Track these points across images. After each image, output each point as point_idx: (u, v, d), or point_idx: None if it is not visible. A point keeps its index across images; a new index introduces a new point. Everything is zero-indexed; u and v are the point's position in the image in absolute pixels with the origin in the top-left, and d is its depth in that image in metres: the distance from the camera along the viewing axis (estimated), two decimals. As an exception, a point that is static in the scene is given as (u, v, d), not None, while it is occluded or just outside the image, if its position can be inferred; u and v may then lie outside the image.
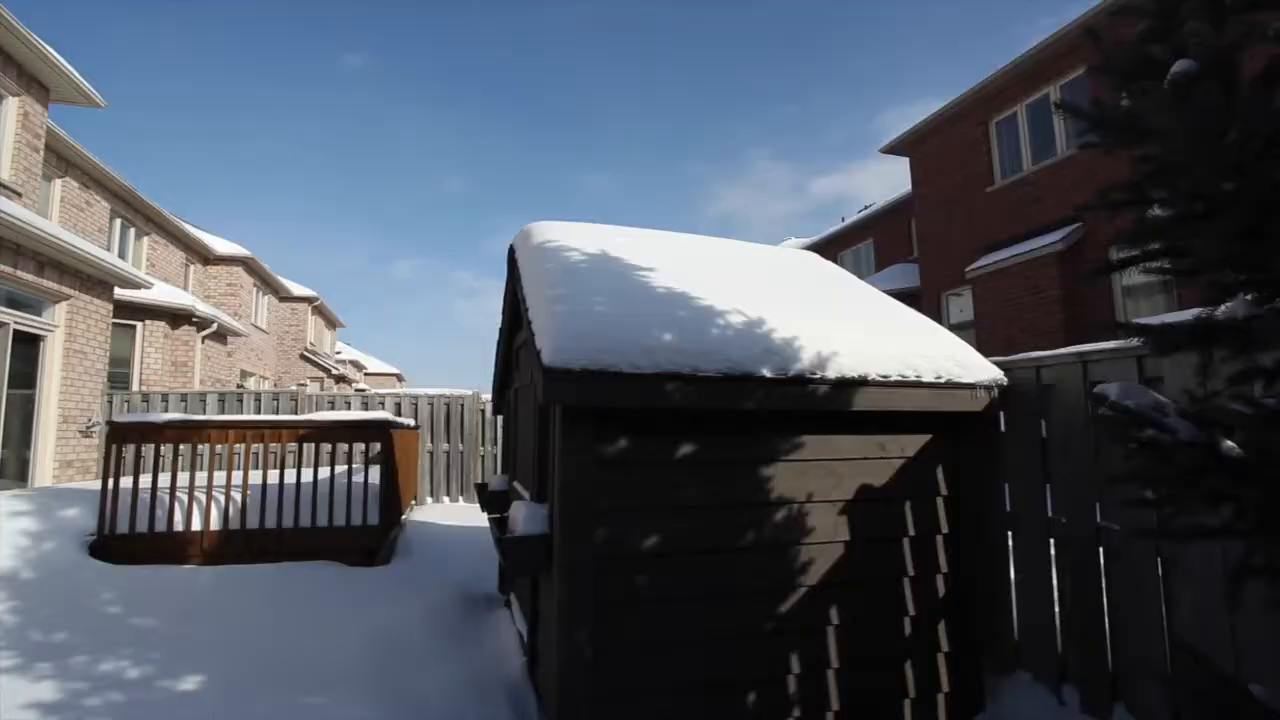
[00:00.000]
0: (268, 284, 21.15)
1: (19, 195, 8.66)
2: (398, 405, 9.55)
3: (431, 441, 9.63)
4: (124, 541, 5.00)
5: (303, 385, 10.74)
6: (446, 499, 9.71)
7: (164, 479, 5.09)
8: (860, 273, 18.00)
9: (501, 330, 4.60)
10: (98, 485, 6.59)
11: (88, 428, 8.59)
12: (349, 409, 9.48)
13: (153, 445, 5.07)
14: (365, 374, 35.05)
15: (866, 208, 19.71)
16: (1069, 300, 10.10)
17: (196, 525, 5.12)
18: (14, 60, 8.65)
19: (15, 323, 7.40)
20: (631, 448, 2.50)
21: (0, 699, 2.89)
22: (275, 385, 20.90)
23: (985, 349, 3.32)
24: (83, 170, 12.35)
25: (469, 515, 8.47)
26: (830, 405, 2.65)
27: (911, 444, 2.96)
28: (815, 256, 4.46)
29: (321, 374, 23.54)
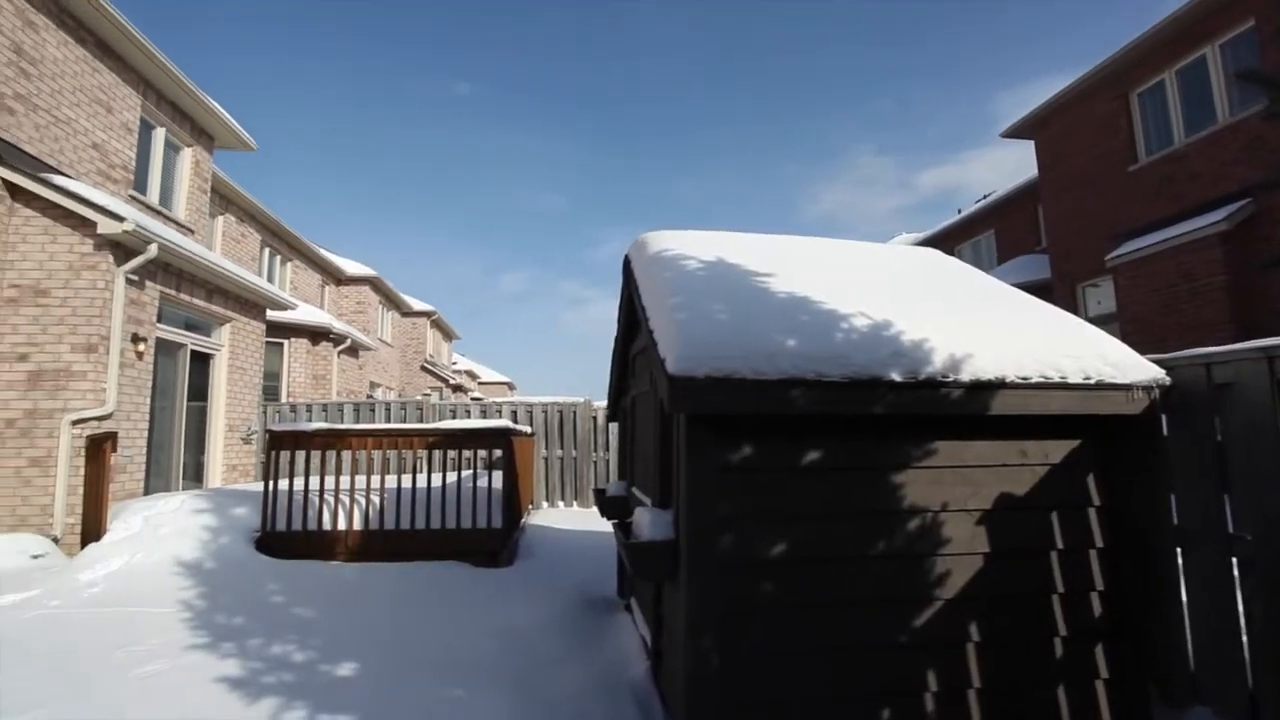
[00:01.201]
0: (391, 301, 22.79)
1: (192, 232, 9.86)
2: (514, 413, 9.98)
3: (546, 448, 9.98)
4: (282, 538, 5.55)
5: (426, 395, 11.45)
6: (561, 504, 10.03)
7: (313, 482, 5.61)
8: (981, 266, 16.90)
9: (616, 339, 4.70)
10: (257, 487, 7.35)
11: (248, 435, 9.60)
12: (469, 417, 10.02)
13: (304, 451, 5.60)
14: (479, 383, 36.90)
15: (985, 197, 18.49)
16: (1236, 288, 8.95)
17: (342, 525, 5.59)
18: (188, 116, 9.86)
19: (192, 344, 8.41)
20: (757, 454, 2.49)
21: (197, 672, 3.30)
22: (400, 395, 22.45)
23: (1133, 345, 3.01)
24: (239, 206, 13.86)
25: (583, 520, 8.70)
26: (965, 409, 2.51)
27: (1057, 449, 2.75)
28: (938, 253, 4.25)
29: (440, 383, 25.01)
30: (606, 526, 7.96)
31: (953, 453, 2.66)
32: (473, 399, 25.91)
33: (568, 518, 8.96)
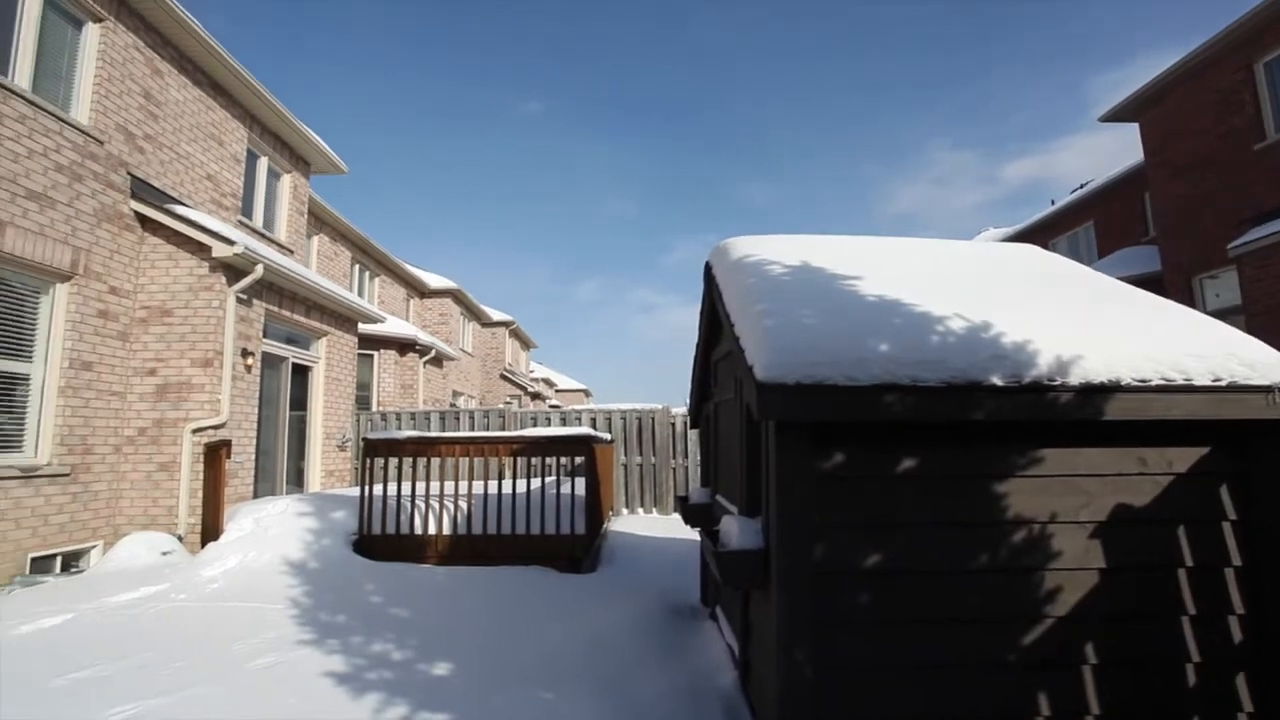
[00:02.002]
0: (471, 312, 23.60)
1: (291, 252, 10.55)
2: (593, 420, 10.12)
3: (625, 455, 10.06)
4: (377, 541, 5.83)
5: (508, 403, 11.76)
6: (640, 510, 10.07)
7: (405, 487, 5.87)
8: (1080, 261, 15.82)
9: (698, 345, 4.69)
10: (353, 491, 7.75)
11: (343, 442, 10.15)
12: (549, 424, 10.23)
13: (396, 458, 5.86)
14: (556, 390, 37.65)
15: (1081, 186, 17.32)
16: (1384, 275, 8.01)
17: (432, 529, 5.82)
18: (287, 145, 10.58)
19: (293, 357, 8.99)
20: (849, 462, 2.42)
21: (306, 666, 3.50)
22: (481, 402, 23.19)
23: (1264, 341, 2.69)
24: (332, 226, 14.73)
25: (663, 527, 8.71)
26: (1074, 415, 2.35)
27: (1181, 458, 2.53)
28: (1035, 248, 4.01)
29: (519, 391, 25.67)
30: (686, 533, 7.96)
31: (1061, 461, 2.49)
32: (550, 406, 26.40)
33: (647, 524, 8.99)
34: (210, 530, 6.19)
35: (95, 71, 6.88)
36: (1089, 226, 16.61)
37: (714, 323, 4.29)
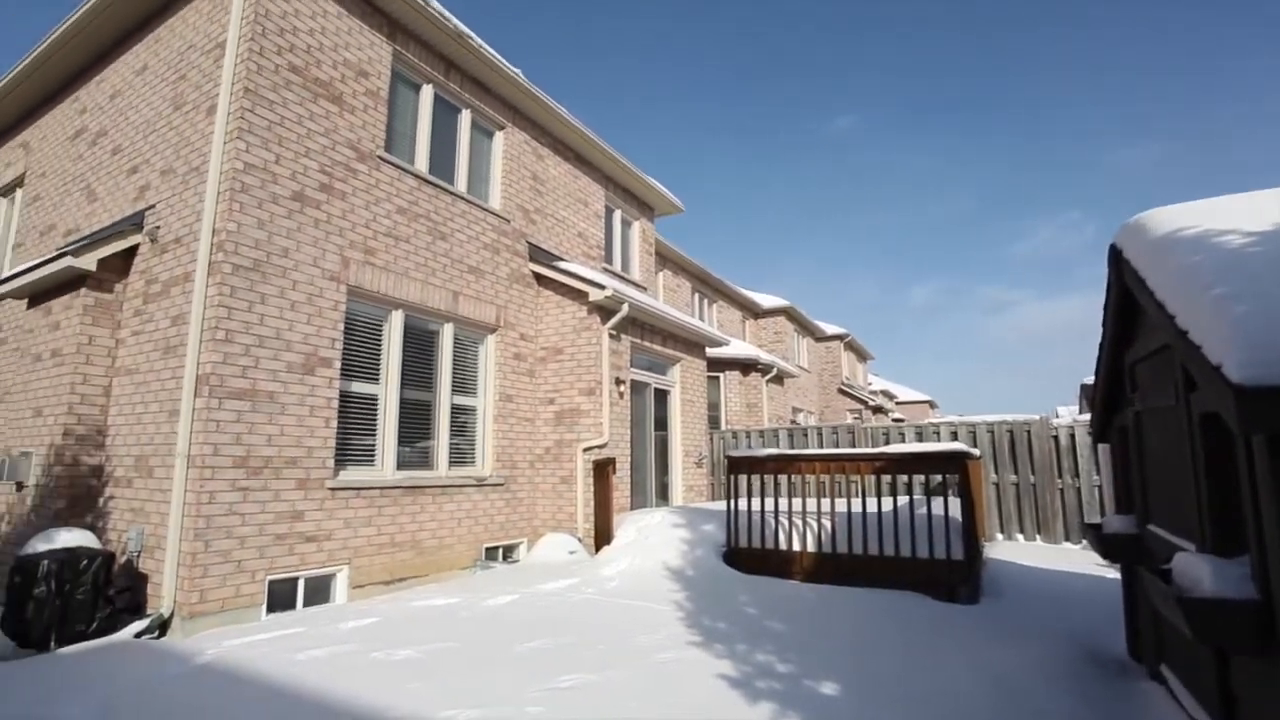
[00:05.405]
0: (804, 328, 23.61)
1: (644, 289, 11.90)
2: (953, 433, 9.13)
3: (996, 472, 8.83)
4: (744, 554, 6.05)
5: (857, 418, 11.34)
6: (1020, 536, 8.70)
7: (767, 503, 5.99)
8: None
9: (1101, 346, 3.89)
10: (713, 505, 8.23)
11: (699, 459, 10.92)
12: (902, 440, 9.54)
13: (757, 475, 6.04)
14: (897, 402, 35.28)
15: None
16: None
17: (796, 546, 5.82)
18: (634, 196, 12.06)
19: (654, 383, 10.04)
20: None
21: (699, 666, 3.76)
22: (820, 418, 22.91)
23: None
24: (673, 261, 16.24)
25: (1050, 557, 7.41)
26: None
27: None
28: None
29: (859, 406, 24.69)
30: (1083, 567, 6.64)
31: None
32: (894, 420, 24.82)
33: (1030, 553, 7.72)
34: (602, 535, 7.17)
35: (501, 166, 8.75)
36: None
37: (1128, 316, 3.49)
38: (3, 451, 6.34)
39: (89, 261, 5.77)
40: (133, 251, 6.18)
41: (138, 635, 4.60)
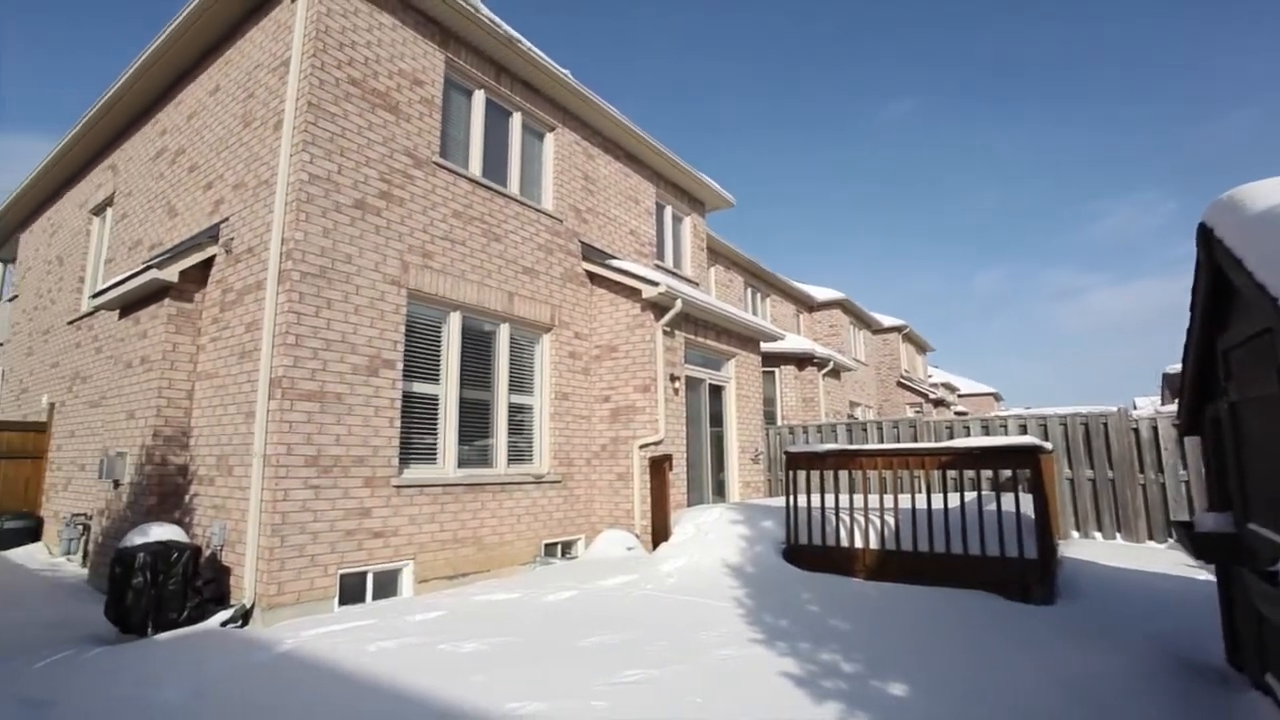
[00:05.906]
0: (861, 320, 23.04)
1: (696, 285, 11.83)
2: (1022, 427, 8.75)
3: (1070, 467, 8.42)
4: (805, 551, 5.95)
5: (918, 412, 11.01)
6: (1098, 535, 8.27)
7: (827, 499, 5.87)
8: None
9: (1190, 331, 3.65)
10: (771, 501, 8.12)
11: (756, 455, 10.80)
12: (967, 433, 9.20)
13: (817, 471, 5.93)
14: (959, 395, 34.08)
15: None
16: None
17: (858, 543, 5.68)
18: (685, 192, 12.00)
19: (709, 379, 9.98)
20: None
21: (762, 664, 3.72)
22: (879, 412, 22.34)
23: None
24: (725, 256, 16.10)
25: (1131, 556, 7.03)
26: None
27: None
28: None
29: (918, 399, 23.96)
30: (1167, 567, 6.27)
31: None
32: (956, 413, 24.00)
33: (1110, 552, 7.33)
34: (660, 532, 7.17)
35: (553, 167, 8.84)
36: None
37: (1221, 299, 3.27)
38: (102, 452, 6.80)
39: (171, 273, 6.13)
40: (209, 263, 6.53)
41: (223, 624, 4.87)
